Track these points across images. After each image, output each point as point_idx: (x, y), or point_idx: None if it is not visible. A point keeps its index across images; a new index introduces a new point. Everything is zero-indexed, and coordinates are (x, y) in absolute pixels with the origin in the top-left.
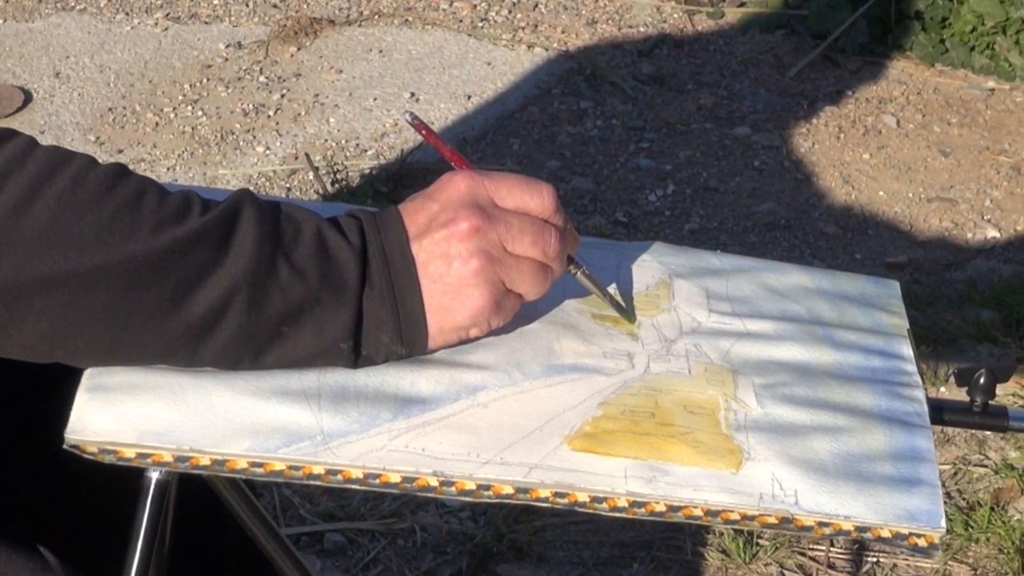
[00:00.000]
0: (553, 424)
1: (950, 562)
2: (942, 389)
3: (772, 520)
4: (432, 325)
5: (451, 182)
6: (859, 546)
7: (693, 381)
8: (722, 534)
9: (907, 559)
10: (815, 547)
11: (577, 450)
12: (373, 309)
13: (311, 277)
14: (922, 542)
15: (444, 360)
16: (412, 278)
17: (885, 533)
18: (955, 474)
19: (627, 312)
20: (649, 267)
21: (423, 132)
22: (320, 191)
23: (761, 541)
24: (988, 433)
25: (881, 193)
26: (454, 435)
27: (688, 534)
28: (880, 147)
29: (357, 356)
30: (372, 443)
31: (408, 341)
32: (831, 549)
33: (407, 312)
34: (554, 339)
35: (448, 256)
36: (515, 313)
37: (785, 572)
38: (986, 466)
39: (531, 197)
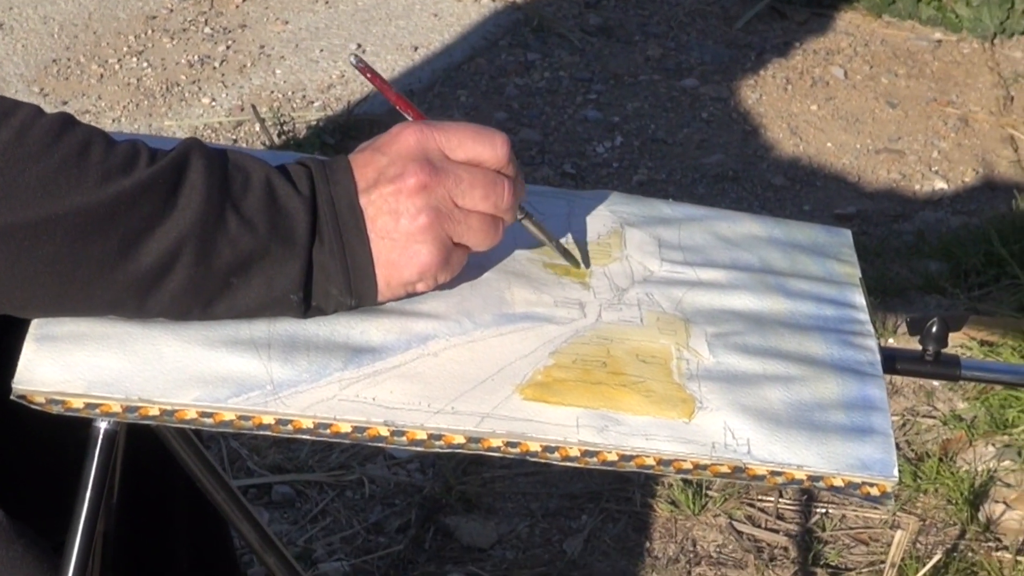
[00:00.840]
0: (504, 373)
1: (899, 513)
2: (891, 340)
3: (724, 469)
4: (380, 279)
5: (401, 134)
6: (808, 497)
7: (645, 330)
8: (671, 485)
9: (856, 510)
10: (764, 498)
11: (529, 399)
12: (322, 261)
13: (260, 228)
14: (875, 491)
15: (395, 309)
16: (361, 232)
17: (838, 482)
18: (904, 425)
19: (576, 260)
20: (600, 216)
21: (368, 76)
22: (266, 143)
23: (710, 492)
24: (936, 384)
25: (829, 144)
26: (405, 384)
27: (637, 485)
28: (828, 98)
29: (307, 307)
30: (322, 393)
31: (357, 293)
32: (780, 500)
33: (356, 265)
34: (505, 288)
35: (396, 212)
36: (464, 264)
37: (734, 523)
38: (934, 417)
39: (483, 148)
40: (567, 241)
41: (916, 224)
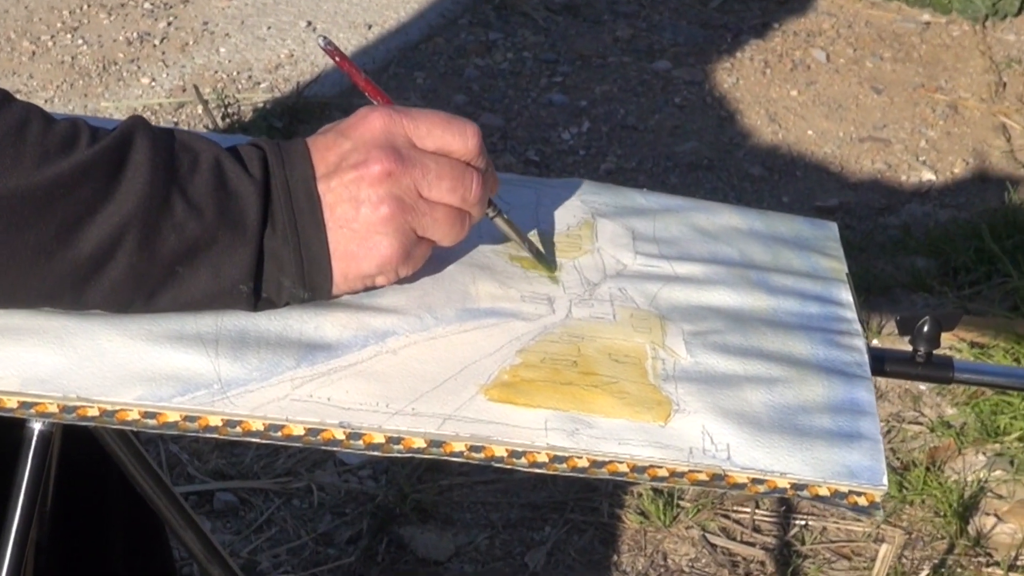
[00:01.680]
0: (468, 372)
1: (884, 526)
2: (875, 342)
3: (703, 476)
4: (336, 271)
5: (366, 119)
6: (787, 508)
7: (618, 327)
8: (641, 494)
9: (837, 522)
10: (740, 509)
11: (494, 400)
12: (275, 250)
13: (208, 213)
14: (862, 501)
15: (351, 303)
16: (317, 220)
17: (823, 491)
18: (889, 432)
19: (547, 260)
20: (571, 206)
21: (337, 59)
22: (210, 126)
23: (682, 503)
24: (924, 388)
25: (810, 132)
26: (362, 384)
27: (604, 495)
28: (809, 83)
29: (257, 299)
30: (274, 392)
31: (311, 285)
32: (756, 511)
33: (310, 255)
34: (469, 281)
35: (357, 200)
36: (425, 259)
37: (707, 536)
38: (921, 424)
39: (453, 137)
40: (536, 235)
41: (902, 218)
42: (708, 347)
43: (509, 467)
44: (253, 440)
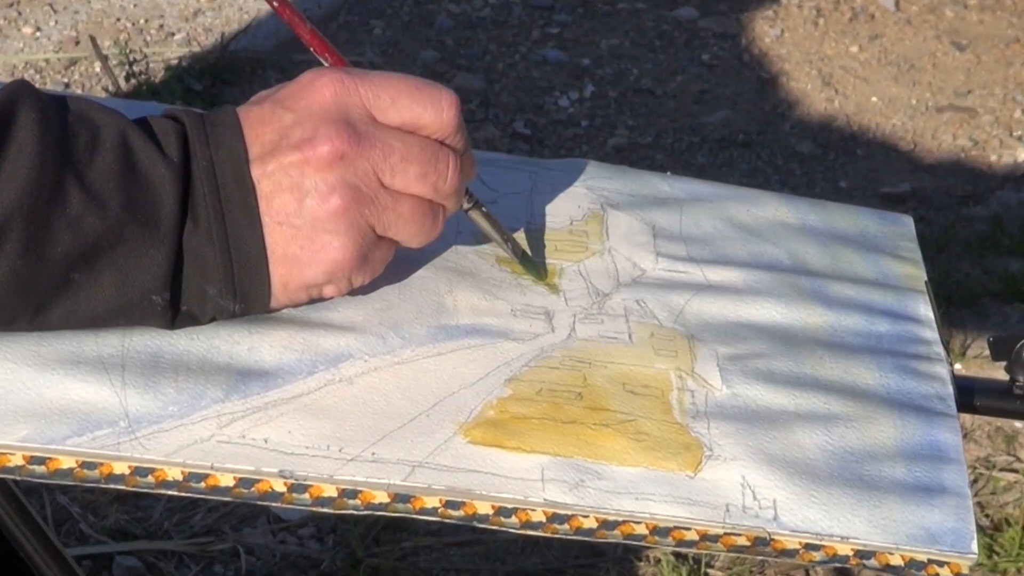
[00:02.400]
0: (444, 407)
1: None
2: (958, 367)
3: (742, 541)
4: (276, 278)
5: (312, 85)
6: None
7: (635, 350)
8: (659, 560)
9: None
10: None
11: (477, 443)
12: (197, 250)
13: (112, 205)
14: (945, 572)
15: (295, 319)
16: (251, 214)
17: (895, 560)
18: (975, 481)
19: (535, 265)
20: (574, 194)
21: (275, 3)
22: (110, 89)
23: (712, 571)
24: (1020, 427)
25: (874, 99)
26: (308, 421)
27: (613, 560)
28: (873, 37)
29: (175, 313)
30: (196, 432)
31: (243, 295)
32: None
33: (242, 258)
34: (445, 291)
35: (300, 189)
36: (387, 263)
37: None
38: (1017, 471)
39: (424, 109)
40: (525, 234)
41: (992, 208)
42: (749, 375)
43: (495, 527)
44: (168, 492)
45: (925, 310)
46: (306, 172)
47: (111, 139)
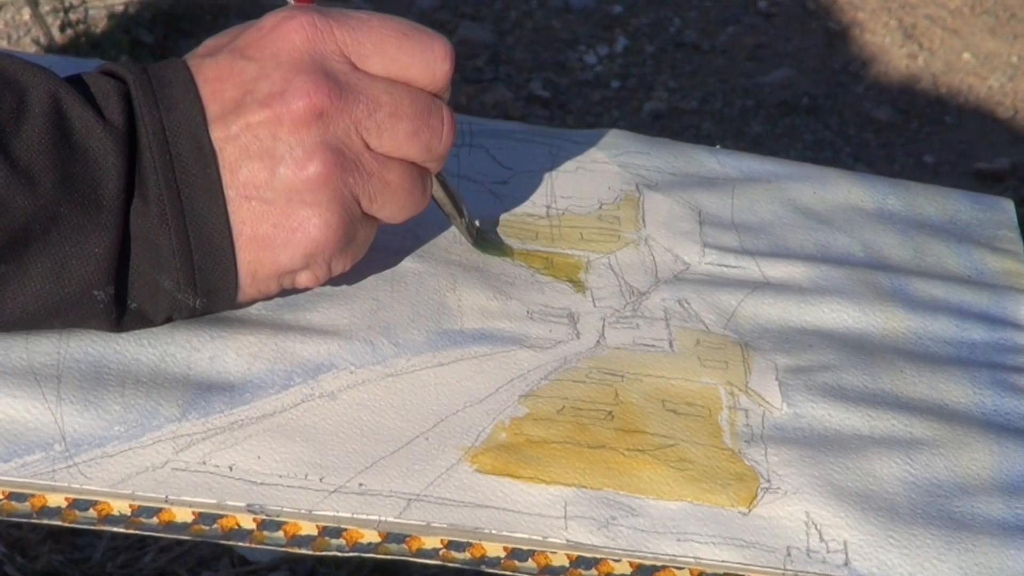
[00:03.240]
0: (447, 429)
1: None
2: None
3: None
4: (244, 265)
5: (279, 29)
6: None
7: (677, 361)
8: None
9: None
10: None
11: (486, 472)
12: (147, 234)
13: (43, 182)
14: None
15: (266, 321)
16: (212, 187)
17: None
18: None
19: (492, 240)
20: (604, 172)
21: None
22: (41, 40)
23: None
24: None
25: (966, 56)
26: (282, 445)
27: None
28: None
29: (121, 311)
30: (147, 457)
31: (205, 288)
32: None
33: (204, 242)
34: (448, 289)
35: (272, 155)
36: (368, 247)
37: None
38: None
39: (413, 59)
40: (548, 223)
41: None
42: (815, 391)
43: (509, 573)
44: (115, 529)
45: None
46: (278, 133)
47: (40, 103)
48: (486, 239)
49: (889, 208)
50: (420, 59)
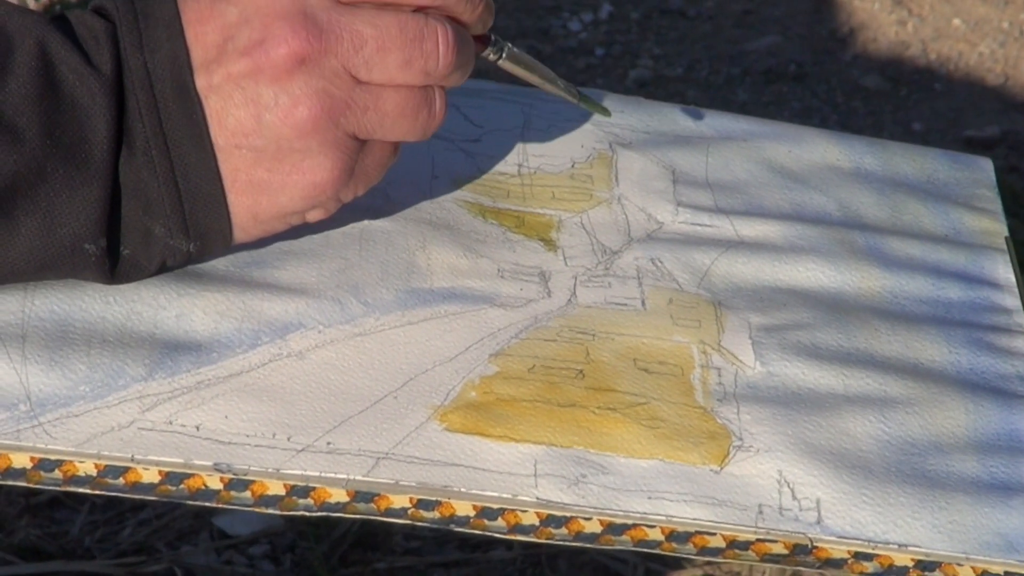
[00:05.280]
0: (416, 387)
1: None
2: None
3: (779, 549)
4: (241, 208)
5: None
6: None
7: (649, 320)
8: (683, 566)
9: None
10: None
11: (455, 430)
12: (136, 182)
13: (29, 135)
14: None
15: (233, 277)
16: (198, 133)
17: (965, 572)
18: None
19: (597, 103)
20: (576, 130)
21: None
22: None
23: None
24: None
25: (956, 21)
26: (250, 404)
27: (629, 567)
28: None
29: (114, 262)
30: (113, 417)
31: (198, 232)
32: None
33: (192, 187)
34: (417, 247)
35: (257, 103)
36: (388, 166)
37: None
38: None
39: None
40: (520, 181)
41: None
42: (788, 350)
43: (478, 532)
44: (81, 490)
45: (1005, 272)
46: (261, 82)
47: (26, 51)
48: (587, 99)
49: (866, 167)
50: None
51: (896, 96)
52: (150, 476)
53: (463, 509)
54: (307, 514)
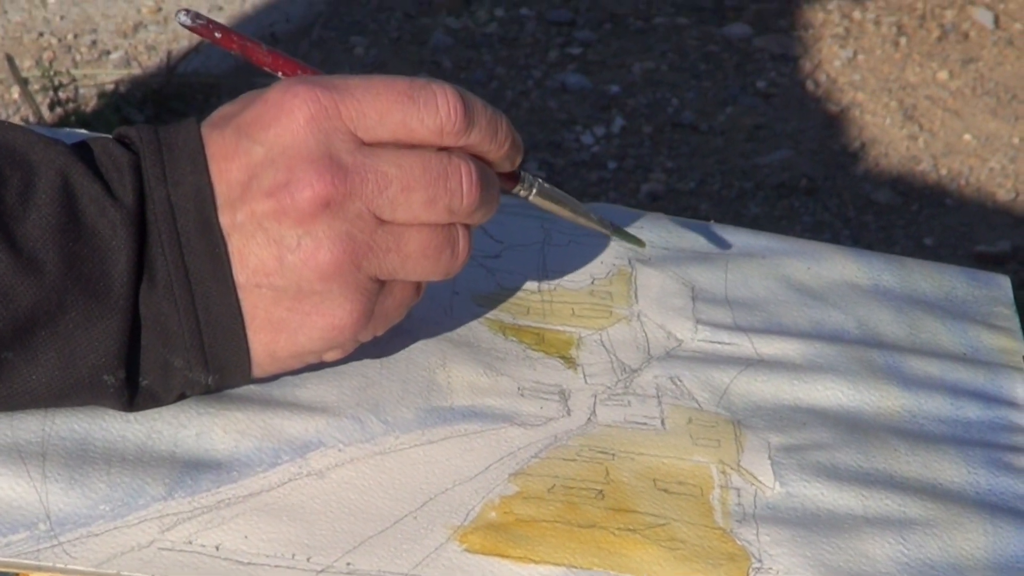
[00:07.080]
0: (435, 507)
1: None
2: None
3: None
4: (259, 345)
5: (283, 107)
6: None
7: (669, 439)
8: None
9: None
10: None
11: (475, 551)
12: (157, 314)
13: (50, 268)
14: None
15: (254, 397)
16: (220, 268)
17: None
18: None
19: (629, 235)
20: (595, 246)
21: (217, 35)
22: (31, 119)
23: None
24: None
25: (967, 137)
26: (269, 524)
27: None
28: (967, 61)
29: (133, 393)
30: (133, 537)
31: (217, 365)
32: None
33: (213, 320)
34: (437, 365)
35: (280, 244)
36: (410, 306)
37: None
38: None
39: (421, 121)
40: (539, 298)
41: None
42: (808, 470)
43: None
44: None
45: (1023, 392)
46: (284, 224)
47: (49, 184)
48: (621, 231)
49: (884, 284)
50: (427, 116)
51: (907, 211)
52: None
53: None
54: None
